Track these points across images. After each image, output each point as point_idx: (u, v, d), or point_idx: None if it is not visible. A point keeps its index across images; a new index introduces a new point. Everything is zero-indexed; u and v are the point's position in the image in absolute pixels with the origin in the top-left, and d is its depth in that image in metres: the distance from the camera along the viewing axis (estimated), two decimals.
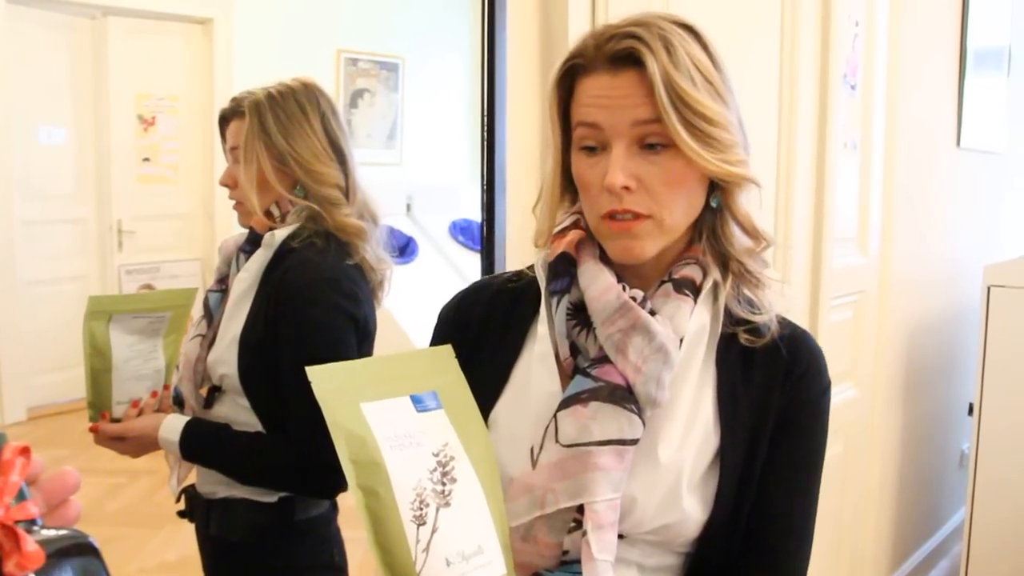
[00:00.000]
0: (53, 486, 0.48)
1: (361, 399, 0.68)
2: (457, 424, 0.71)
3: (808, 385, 0.85)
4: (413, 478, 0.66)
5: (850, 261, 2.17)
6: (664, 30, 0.77)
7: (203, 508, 1.36)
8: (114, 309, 1.34)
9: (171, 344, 1.40)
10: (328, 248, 1.31)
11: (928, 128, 2.72)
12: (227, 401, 1.33)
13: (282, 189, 1.32)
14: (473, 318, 0.91)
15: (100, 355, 1.32)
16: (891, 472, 2.69)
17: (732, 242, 0.84)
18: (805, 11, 1.79)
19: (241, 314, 1.31)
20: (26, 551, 0.42)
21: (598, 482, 0.75)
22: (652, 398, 0.78)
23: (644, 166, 0.77)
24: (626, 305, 0.78)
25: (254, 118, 1.31)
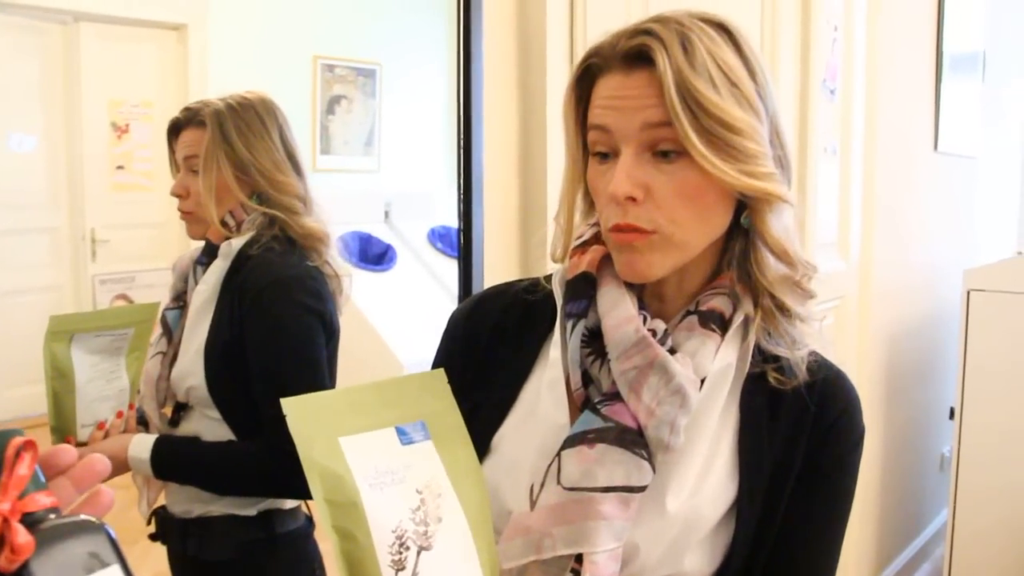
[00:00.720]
0: (81, 474, 0.49)
1: (340, 432, 0.62)
2: (446, 457, 0.66)
3: (839, 435, 0.78)
4: (393, 519, 0.61)
5: (831, 267, 2.17)
6: (684, 26, 0.70)
7: (178, 529, 1.32)
8: (75, 328, 1.30)
9: (135, 361, 1.36)
10: (288, 251, 1.30)
11: (906, 132, 2.73)
12: (195, 416, 1.30)
13: (242, 196, 1.31)
14: (484, 330, 0.84)
15: (62, 377, 1.28)
16: (873, 477, 2.69)
17: (763, 270, 0.75)
18: (785, 15, 1.78)
19: (203, 325, 1.29)
20: (15, 543, 0.43)
21: (599, 531, 0.69)
22: (664, 443, 0.71)
23: (654, 175, 0.70)
24: (644, 341, 0.71)
25: (216, 127, 1.30)
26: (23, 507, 0.45)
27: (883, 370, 2.68)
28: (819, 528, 0.78)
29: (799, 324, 0.77)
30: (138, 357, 1.36)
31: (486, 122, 1.29)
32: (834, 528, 0.79)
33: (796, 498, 0.76)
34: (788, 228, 0.75)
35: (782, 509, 0.76)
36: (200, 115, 1.32)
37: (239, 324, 1.25)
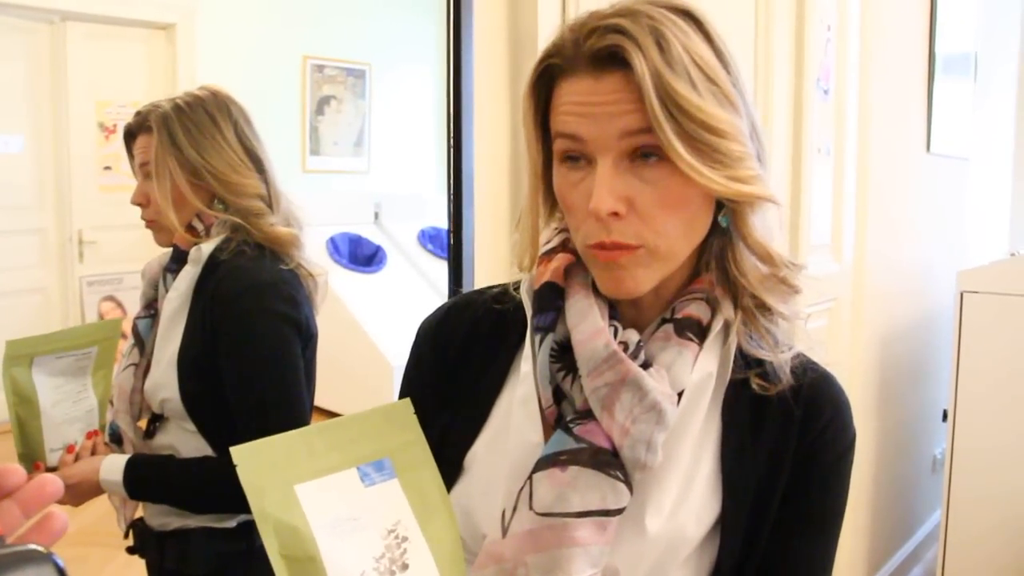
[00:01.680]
0: (29, 496, 0.46)
1: (296, 479, 0.58)
2: (412, 496, 0.62)
3: (829, 442, 0.73)
4: (356, 569, 0.57)
5: (825, 269, 2.16)
6: (655, 20, 0.64)
7: (156, 542, 1.28)
8: (35, 351, 1.26)
9: (101, 380, 1.32)
10: (260, 255, 1.25)
11: (899, 133, 2.72)
12: (171, 428, 1.26)
13: (200, 204, 1.25)
14: (454, 340, 0.80)
15: (26, 403, 1.24)
16: (866, 479, 2.68)
17: (744, 271, 0.70)
18: (779, 15, 1.77)
19: (176, 334, 1.24)
20: None
21: (575, 558, 0.65)
22: (641, 462, 0.66)
23: (636, 185, 0.65)
24: (615, 356, 0.66)
25: (163, 132, 1.24)
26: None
27: (876, 372, 2.67)
28: (810, 542, 0.74)
29: (782, 323, 0.73)
30: (105, 375, 1.32)
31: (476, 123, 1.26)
32: (826, 542, 0.75)
33: (784, 512, 0.72)
34: (771, 228, 0.71)
35: (769, 524, 0.72)
36: (148, 119, 1.26)
37: (212, 333, 1.20)
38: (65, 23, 4.57)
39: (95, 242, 4.80)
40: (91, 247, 4.80)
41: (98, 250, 4.82)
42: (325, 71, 5.52)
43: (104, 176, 4.87)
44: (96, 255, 4.83)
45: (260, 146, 1.31)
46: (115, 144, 4.93)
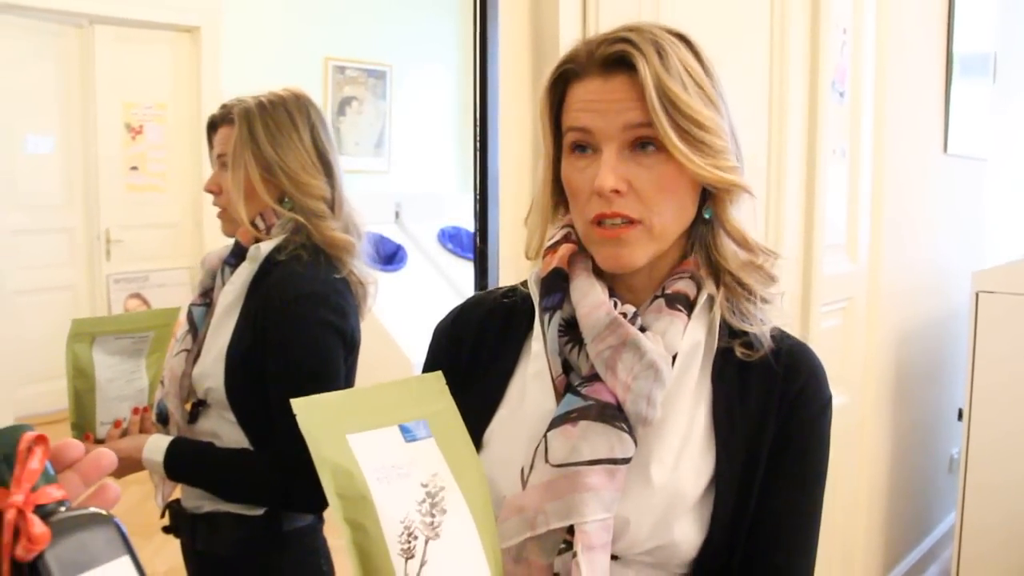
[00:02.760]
0: (88, 468, 0.51)
1: (347, 430, 0.65)
2: (447, 453, 0.69)
3: (807, 401, 0.83)
4: (401, 511, 0.64)
5: (840, 268, 2.18)
6: (656, 36, 0.77)
7: (188, 523, 1.34)
8: (97, 331, 1.34)
9: (154, 363, 1.39)
10: (315, 261, 1.29)
11: (915, 134, 2.74)
12: (212, 415, 1.32)
13: (268, 199, 1.31)
14: (468, 335, 0.89)
15: (83, 376, 1.32)
16: (881, 477, 2.70)
17: (725, 255, 0.82)
18: (794, 18, 1.80)
19: (227, 328, 1.30)
20: (32, 534, 0.45)
21: (588, 502, 0.73)
22: (643, 416, 0.76)
23: (635, 170, 0.77)
24: (616, 321, 0.77)
25: (243, 126, 1.30)
26: (35, 499, 0.46)
27: (892, 371, 2.69)
28: (796, 494, 0.82)
29: (763, 305, 0.83)
30: (158, 359, 1.39)
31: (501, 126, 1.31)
32: (811, 493, 0.84)
33: (772, 468, 0.81)
34: (747, 218, 0.82)
35: (760, 475, 0.80)
36: (232, 113, 1.33)
37: (261, 333, 1.25)
38: (93, 26, 4.66)
39: (122, 240, 4.90)
40: (118, 245, 4.89)
41: (124, 248, 4.92)
42: (346, 72, 5.59)
43: (131, 176, 4.96)
44: (122, 253, 4.92)
45: (332, 151, 1.35)
46: (141, 144, 5.02)
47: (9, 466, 0.47)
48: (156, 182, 5.07)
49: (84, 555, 0.46)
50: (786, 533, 0.82)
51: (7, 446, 0.48)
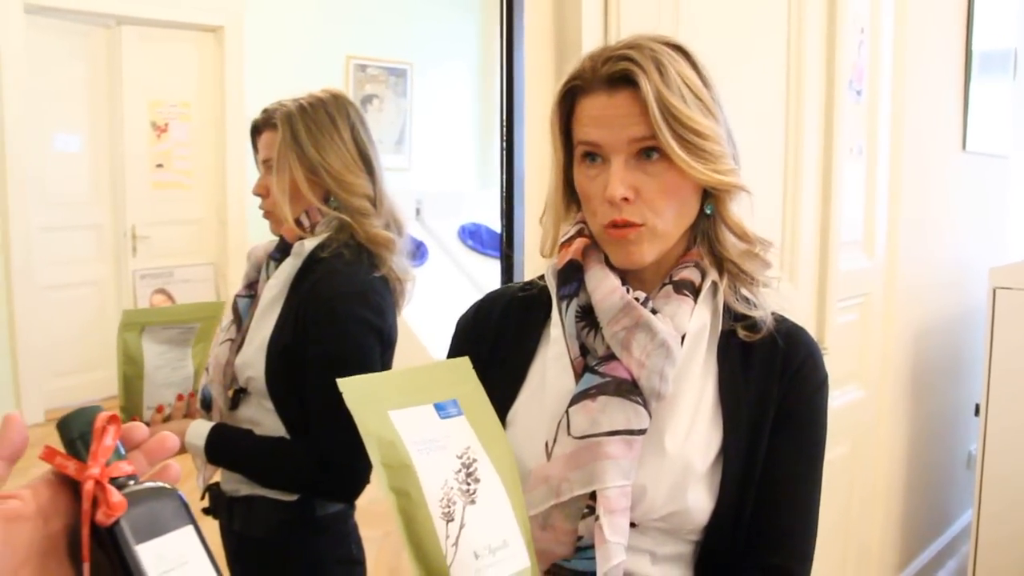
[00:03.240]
0: (154, 448, 0.56)
1: (389, 407, 0.72)
2: (477, 429, 0.76)
3: (805, 378, 0.90)
4: (440, 478, 0.70)
5: (856, 264, 2.21)
6: (655, 51, 0.83)
7: (226, 505, 1.40)
8: (146, 321, 1.40)
9: (199, 352, 1.45)
10: (356, 259, 1.34)
11: (933, 132, 2.75)
12: (252, 403, 1.37)
13: (314, 199, 1.35)
14: (489, 326, 0.97)
15: (133, 363, 1.38)
16: (898, 472, 2.72)
17: (726, 246, 0.89)
18: (811, 19, 1.83)
19: (269, 320, 1.35)
20: (111, 502, 0.49)
21: (608, 470, 0.80)
22: (656, 391, 0.83)
23: (641, 178, 0.84)
24: (629, 305, 0.84)
25: (286, 129, 1.34)
26: (109, 472, 0.51)
27: (909, 366, 2.71)
28: (796, 464, 0.89)
29: (762, 289, 0.91)
30: (203, 348, 1.45)
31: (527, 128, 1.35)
32: (812, 461, 0.91)
33: (776, 435, 0.88)
34: (744, 212, 0.90)
35: (764, 446, 0.88)
36: (274, 117, 1.37)
37: (303, 330, 1.30)
38: (120, 27, 4.75)
39: (148, 237, 4.98)
40: (144, 242, 4.98)
41: (150, 245, 5.00)
42: (368, 70, 5.65)
43: (156, 173, 5.05)
44: (148, 249, 5.01)
45: (372, 148, 1.39)
46: (167, 142, 5.11)
47: (85, 443, 0.52)
48: (181, 179, 5.16)
49: (154, 523, 0.51)
50: (790, 497, 0.88)
51: (84, 425, 0.52)
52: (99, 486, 0.50)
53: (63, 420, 0.53)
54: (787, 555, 0.88)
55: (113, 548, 0.49)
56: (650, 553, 0.87)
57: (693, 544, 0.88)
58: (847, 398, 2.22)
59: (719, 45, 1.57)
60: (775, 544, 0.87)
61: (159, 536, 0.51)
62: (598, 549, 0.79)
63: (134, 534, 0.50)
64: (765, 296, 0.91)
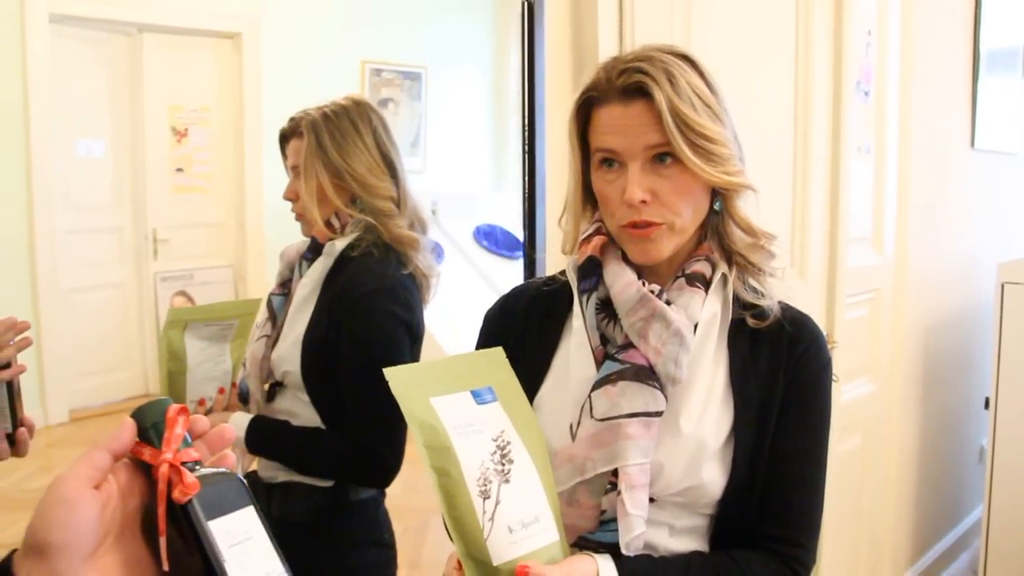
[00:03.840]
0: (214, 438, 0.62)
1: (430, 394, 0.79)
2: (511, 414, 0.83)
3: (810, 361, 0.97)
4: (477, 459, 0.77)
5: (866, 260, 2.25)
6: (666, 63, 0.90)
7: (265, 491, 1.47)
8: (189, 319, 1.48)
9: (237, 348, 1.52)
10: (385, 258, 1.40)
11: (942, 130, 2.79)
12: (288, 395, 1.44)
13: (339, 202, 1.42)
14: (515, 318, 1.04)
15: (176, 359, 1.46)
16: (910, 465, 2.76)
17: (734, 240, 0.96)
18: (818, 22, 1.88)
19: (304, 317, 1.42)
20: (186, 482, 0.56)
21: (629, 449, 0.87)
22: (671, 376, 0.90)
23: (657, 181, 0.90)
24: (645, 297, 0.91)
25: (311, 137, 1.41)
26: (180, 458, 0.57)
27: (919, 359, 2.75)
28: (803, 440, 0.96)
29: (768, 278, 0.98)
30: (240, 344, 1.52)
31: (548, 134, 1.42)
32: (818, 436, 0.97)
33: (783, 414, 0.95)
34: (750, 208, 0.97)
35: (772, 425, 0.94)
36: (300, 125, 1.44)
37: (336, 324, 1.37)
38: (142, 34, 4.84)
39: (168, 240, 5.07)
40: (164, 245, 5.07)
41: (171, 248, 5.09)
42: (383, 74, 5.73)
43: (176, 177, 5.14)
44: (169, 252, 5.10)
45: (395, 152, 1.46)
46: (186, 147, 5.20)
47: (157, 432, 0.58)
48: (200, 183, 5.25)
49: (222, 502, 0.57)
50: (797, 472, 0.95)
51: (156, 415, 0.59)
52: (174, 469, 0.56)
53: (137, 411, 0.59)
54: (795, 526, 0.94)
55: (187, 524, 0.55)
56: (668, 526, 0.93)
57: (708, 517, 0.95)
58: (858, 392, 2.27)
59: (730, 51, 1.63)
60: (784, 516, 0.94)
61: (226, 514, 0.57)
62: (620, 521, 0.86)
63: (205, 511, 0.55)
64: (772, 286, 0.98)
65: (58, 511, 0.52)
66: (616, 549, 0.87)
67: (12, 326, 1.18)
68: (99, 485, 0.55)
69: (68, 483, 0.54)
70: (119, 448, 0.57)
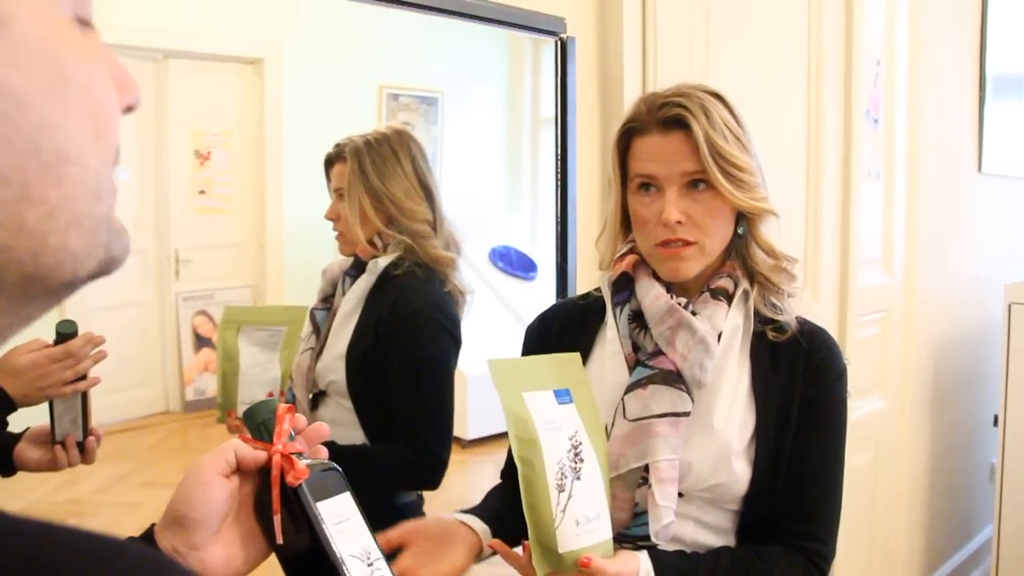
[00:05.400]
0: (311, 434, 0.70)
1: (523, 389, 0.87)
2: (583, 416, 0.92)
3: (826, 371, 1.05)
4: (557, 455, 0.85)
5: (876, 281, 2.32)
6: (702, 99, 0.99)
7: None
8: (242, 320, 1.56)
9: (285, 359, 1.60)
10: (428, 277, 1.49)
11: (949, 155, 2.85)
12: (331, 403, 1.52)
13: (379, 223, 1.50)
14: (553, 331, 1.15)
15: (230, 359, 1.53)
16: (921, 481, 2.80)
17: (757, 262, 1.05)
18: (829, 54, 1.97)
19: (348, 329, 1.50)
20: (298, 468, 0.64)
21: (658, 446, 0.96)
22: (697, 379, 0.99)
23: (691, 204, 1.00)
24: (673, 308, 1.00)
25: (354, 162, 1.51)
26: (288, 449, 0.66)
27: (929, 378, 2.80)
28: (821, 444, 1.04)
29: (788, 298, 1.06)
30: (289, 356, 1.60)
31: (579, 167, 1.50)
32: (835, 437, 1.05)
33: (802, 419, 1.03)
34: (772, 233, 1.05)
35: (792, 429, 1.02)
36: (344, 151, 1.54)
37: (385, 337, 1.44)
38: (167, 60, 4.95)
39: (190, 260, 5.14)
40: (186, 265, 5.14)
41: (193, 268, 5.17)
42: (400, 99, 5.83)
43: (199, 199, 5.22)
44: (191, 273, 5.16)
45: (431, 178, 1.55)
46: (209, 170, 5.29)
47: (267, 428, 0.67)
48: (222, 205, 5.32)
49: (325, 487, 0.65)
50: (818, 469, 1.03)
51: (267, 413, 0.68)
52: (285, 458, 0.65)
53: (249, 410, 0.68)
54: (815, 522, 1.03)
55: (297, 504, 0.63)
56: (695, 519, 1.02)
57: (733, 513, 1.03)
58: (869, 408, 2.33)
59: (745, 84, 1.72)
60: (805, 513, 1.02)
61: (330, 497, 0.65)
62: (651, 512, 0.95)
63: (313, 494, 0.64)
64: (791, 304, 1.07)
65: (198, 491, 0.62)
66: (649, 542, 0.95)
67: (90, 340, 1.27)
68: (228, 475, 0.64)
69: (206, 470, 0.63)
70: (245, 455, 0.65)
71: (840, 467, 1.05)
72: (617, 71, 1.48)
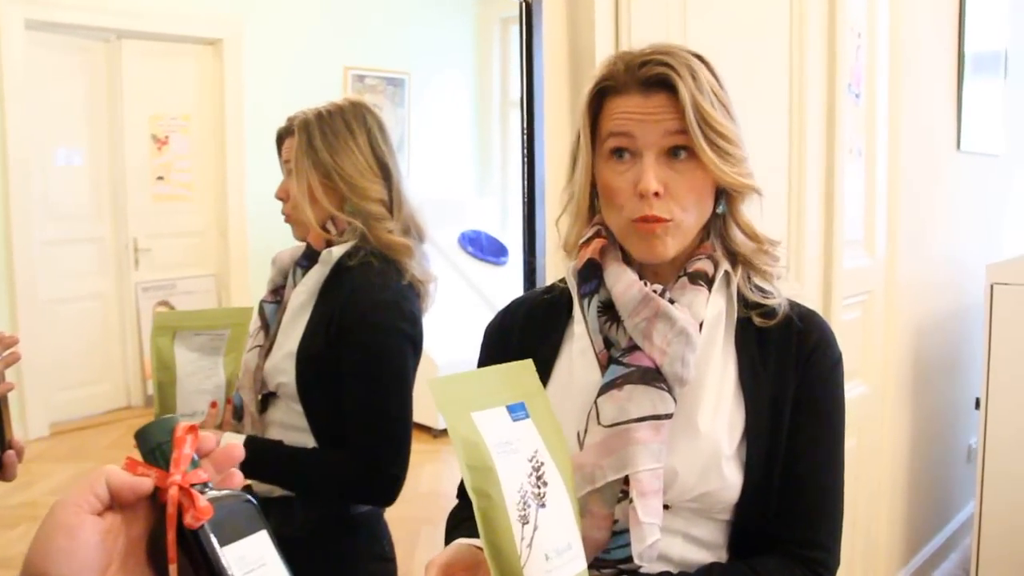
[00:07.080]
0: (221, 458, 0.58)
1: (471, 408, 0.74)
2: (542, 431, 0.78)
3: (820, 359, 0.94)
4: (516, 481, 0.73)
5: (858, 263, 2.25)
6: (688, 60, 0.89)
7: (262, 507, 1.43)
8: (178, 326, 1.43)
9: (231, 362, 1.48)
10: (385, 268, 1.36)
11: (929, 133, 2.81)
12: (281, 406, 1.40)
13: (329, 204, 1.37)
14: (514, 330, 1.02)
15: (166, 369, 1.41)
16: (902, 466, 2.77)
17: (736, 244, 0.95)
18: (812, 24, 1.88)
19: (298, 327, 1.38)
20: (199, 506, 0.52)
21: (639, 454, 0.84)
22: (679, 376, 0.87)
23: (670, 175, 0.88)
24: (648, 297, 0.88)
25: (303, 135, 1.37)
26: (189, 480, 0.53)
27: (910, 361, 2.76)
28: (818, 443, 0.93)
29: (774, 280, 0.96)
30: (234, 359, 1.47)
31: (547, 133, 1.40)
32: (833, 435, 0.95)
33: (796, 415, 0.92)
34: (754, 213, 0.95)
35: (785, 426, 0.91)
36: (294, 124, 1.41)
37: (336, 337, 1.32)
38: (120, 41, 4.77)
39: (149, 249, 5.00)
40: (146, 254, 4.99)
41: (152, 257, 5.02)
42: (365, 80, 5.70)
43: (157, 186, 5.07)
44: (150, 261, 5.02)
45: (390, 155, 1.41)
46: (167, 155, 5.13)
47: (163, 453, 0.55)
48: (182, 192, 5.18)
49: (235, 526, 0.54)
50: (816, 471, 0.92)
51: (163, 435, 0.55)
52: (184, 492, 0.53)
53: (141, 431, 0.55)
54: (816, 528, 0.92)
55: (199, 550, 0.52)
56: (683, 534, 0.91)
57: (724, 524, 0.92)
58: (852, 394, 2.26)
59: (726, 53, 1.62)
60: (804, 518, 0.91)
61: (240, 539, 0.54)
62: (632, 530, 0.83)
63: (218, 537, 0.52)
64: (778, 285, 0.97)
65: (59, 540, 0.49)
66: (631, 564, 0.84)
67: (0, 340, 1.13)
68: (101, 512, 0.51)
69: (68, 509, 0.50)
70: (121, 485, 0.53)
71: (840, 464, 0.95)
72: (588, 39, 1.37)
